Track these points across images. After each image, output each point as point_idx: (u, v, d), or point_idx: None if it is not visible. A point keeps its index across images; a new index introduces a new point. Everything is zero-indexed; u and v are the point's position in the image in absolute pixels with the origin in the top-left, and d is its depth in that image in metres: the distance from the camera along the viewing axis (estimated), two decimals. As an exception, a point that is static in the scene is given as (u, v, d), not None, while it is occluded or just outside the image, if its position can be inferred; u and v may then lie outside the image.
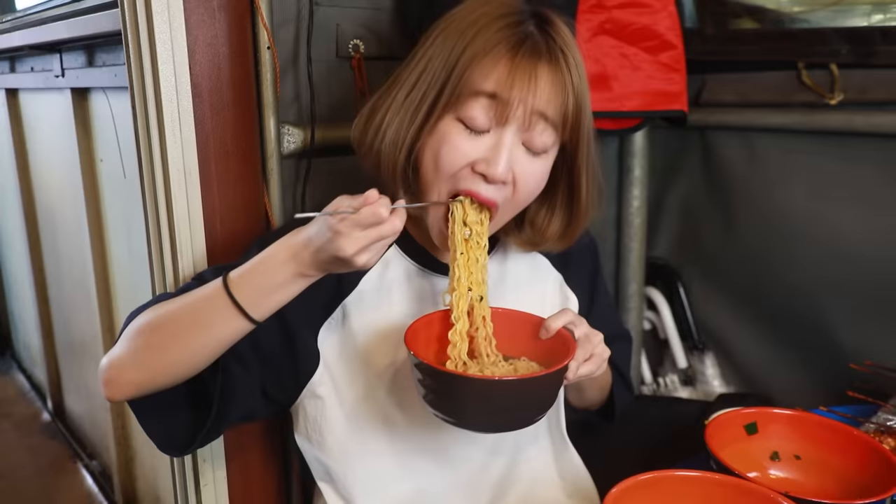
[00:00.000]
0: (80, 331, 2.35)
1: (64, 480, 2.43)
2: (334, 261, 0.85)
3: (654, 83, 1.60)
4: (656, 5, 1.57)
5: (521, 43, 0.93)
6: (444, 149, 0.95)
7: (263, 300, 0.89)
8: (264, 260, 0.89)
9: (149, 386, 0.94)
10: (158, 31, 1.09)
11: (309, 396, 1.08)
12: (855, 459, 1.05)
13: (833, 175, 1.63)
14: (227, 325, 0.90)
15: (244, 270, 0.90)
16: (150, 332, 0.93)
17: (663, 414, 1.71)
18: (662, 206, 2.01)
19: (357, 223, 0.83)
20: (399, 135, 0.98)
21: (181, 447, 1.04)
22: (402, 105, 0.98)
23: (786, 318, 1.76)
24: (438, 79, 0.95)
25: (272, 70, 1.24)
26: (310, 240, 0.86)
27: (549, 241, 1.10)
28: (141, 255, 1.68)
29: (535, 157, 0.98)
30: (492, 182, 0.96)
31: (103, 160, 1.92)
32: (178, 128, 1.13)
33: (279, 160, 1.28)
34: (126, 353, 0.94)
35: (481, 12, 0.96)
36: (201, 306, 0.91)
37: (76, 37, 1.72)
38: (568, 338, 0.97)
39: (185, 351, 0.91)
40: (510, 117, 0.93)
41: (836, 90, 1.58)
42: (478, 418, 0.91)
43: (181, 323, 0.92)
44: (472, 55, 0.93)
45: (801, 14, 1.69)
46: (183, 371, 0.93)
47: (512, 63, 0.92)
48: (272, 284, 0.88)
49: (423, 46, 0.99)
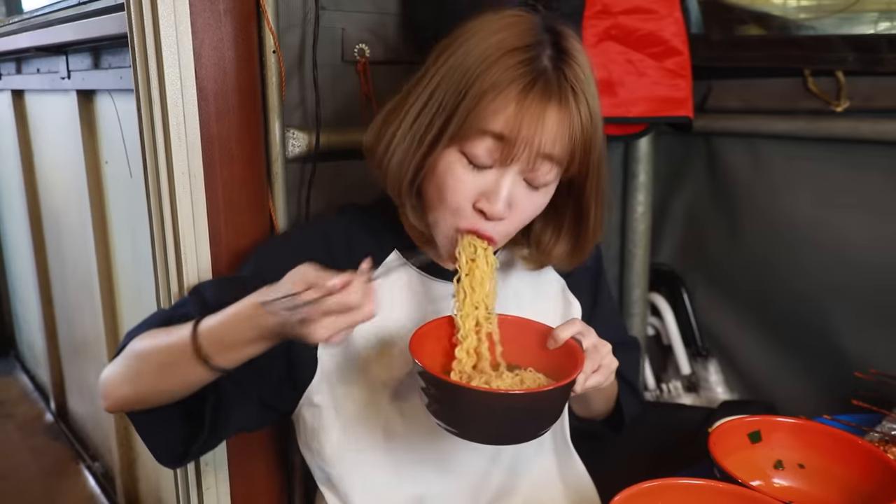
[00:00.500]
0: (83, 332, 2.35)
1: (66, 482, 2.43)
2: (302, 340, 0.85)
3: (660, 89, 1.60)
4: (662, 11, 1.57)
5: (532, 84, 0.90)
6: (448, 183, 0.95)
7: (227, 354, 0.90)
8: (234, 314, 0.89)
9: (139, 405, 0.98)
10: (164, 34, 1.09)
11: (307, 405, 1.08)
12: (859, 469, 1.04)
13: (839, 182, 1.63)
14: (194, 371, 0.91)
15: (213, 323, 0.90)
16: (135, 360, 0.97)
17: (666, 420, 1.70)
18: (667, 212, 2.01)
19: (326, 311, 0.82)
20: (405, 160, 0.97)
21: (176, 459, 1.05)
22: (409, 129, 0.96)
23: (790, 326, 1.76)
24: (445, 108, 0.93)
25: (277, 74, 1.24)
26: (275, 311, 0.85)
27: (554, 261, 1.10)
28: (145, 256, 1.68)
29: (536, 191, 0.97)
30: (490, 219, 0.95)
31: (108, 162, 1.93)
32: (184, 131, 1.13)
33: (284, 164, 1.28)
34: (117, 374, 0.99)
35: (496, 41, 0.92)
36: (173, 349, 0.92)
37: (82, 39, 1.73)
38: (576, 349, 0.96)
39: (162, 385, 0.95)
40: (514, 159, 0.92)
41: (842, 97, 1.57)
42: (483, 431, 0.90)
43: (157, 361, 0.95)
44: (480, 91, 0.90)
45: (808, 21, 1.69)
46: (166, 398, 0.97)
47: (521, 105, 0.89)
48: (236, 342, 0.89)
49: (436, 64, 0.96)
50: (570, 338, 0.97)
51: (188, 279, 1.18)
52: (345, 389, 1.07)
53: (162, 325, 0.99)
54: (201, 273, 1.19)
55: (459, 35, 0.96)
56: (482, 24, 0.95)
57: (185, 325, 0.92)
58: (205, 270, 1.19)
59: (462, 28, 0.97)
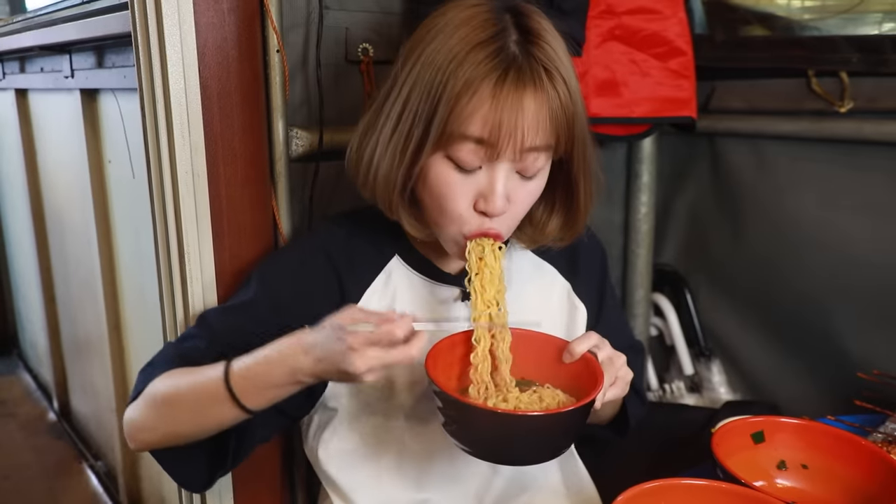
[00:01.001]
0: (86, 331, 2.36)
1: (69, 481, 2.44)
2: (337, 372, 0.85)
3: (664, 90, 1.60)
4: (666, 12, 1.57)
5: (504, 75, 0.88)
6: (443, 192, 0.94)
7: (259, 396, 0.90)
8: (265, 357, 0.89)
9: (164, 446, 0.99)
10: (168, 33, 1.09)
11: (322, 409, 1.09)
12: (862, 469, 1.04)
13: (842, 183, 1.62)
14: (225, 412, 0.91)
15: (245, 365, 0.90)
16: (162, 404, 0.96)
17: (669, 421, 1.70)
18: (670, 213, 2.01)
19: (372, 341, 0.82)
20: (391, 175, 0.96)
21: (201, 486, 1.05)
22: (388, 142, 0.95)
23: (793, 326, 1.75)
24: (422, 116, 0.91)
25: (281, 73, 1.24)
26: (313, 346, 0.85)
27: (548, 238, 1.09)
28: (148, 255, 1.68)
29: (530, 180, 0.96)
30: (492, 217, 0.95)
31: (111, 161, 1.93)
32: (187, 130, 1.13)
33: (287, 163, 1.28)
34: (143, 419, 0.97)
35: (460, 37, 0.90)
36: (202, 393, 0.92)
37: (86, 38, 1.73)
38: (594, 364, 0.94)
39: (190, 427, 0.95)
40: (500, 156, 0.91)
41: (846, 98, 1.57)
42: (501, 452, 0.88)
43: (185, 405, 0.94)
44: (454, 94, 0.88)
45: (812, 22, 1.69)
46: (192, 439, 0.97)
47: (497, 100, 0.88)
48: (267, 384, 0.89)
49: (404, 69, 0.95)
50: (587, 351, 0.96)
51: (191, 277, 1.18)
52: (356, 395, 1.07)
53: (177, 363, 0.98)
54: (204, 271, 1.19)
55: (423, 35, 0.95)
56: (443, 19, 0.93)
57: (215, 366, 0.92)
58: (208, 268, 1.19)
59: (423, 26, 0.96)
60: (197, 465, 1.02)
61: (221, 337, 1.00)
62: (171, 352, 1.02)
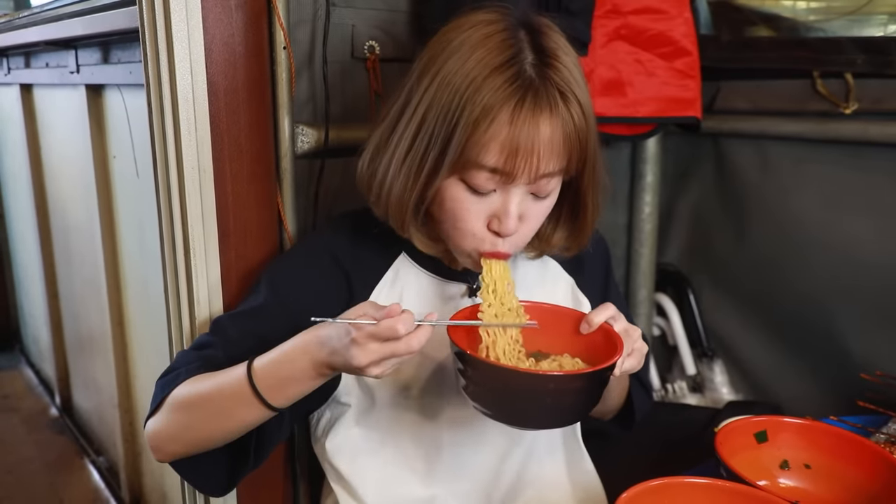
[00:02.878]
0: (89, 326, 2.36)
1: (71, 476, 2.44)
2: (345, 365, 0.86)
3: (669, 89, 1.60)
4: (672, 12, 1.57)
5: (521, 101, 0.88)
6: (458, 213, 0.95)
7: (282, 392, 0.91)
8: (285, 353, 0.91)
9: (187, 454, 0.99)
10: (176, 29, 1.10)
11: (334, 404, 1.09)
12: (865, 469, 1.05)
13: (846, 184, 1.63)
14: (251, 412, 0.92)
15: (266, 363, 0.92)
16: (185, 411, 0.96)
17: (672, 420, 1.70)
18: (674, 213, 2.01)
19: (373, 335, 0.83)
20: (404, 197, 0.96)
21: (221, 490, 1.05)
22: (402, 163, 0.95)
23: (796, 327, 1.76)
24: (437, 139, 0.91)
25: (287, 70, 1.24)
26: (327, 340, 0.87)
27: (554, 249, 1.10)
28: (152, 250, 1.69)
29: (542, 199, 0.98)
30: (504, 237, 0.96)
31: (116, 156, 1.93)
32: (194, 126, 1.14)
33: (293, 160, 1.29)
34: (164, 428, 0.98)
35: (478, 59, 0.90)
36: (227, 394, 0.93)
37: (92, 34, 1.73)
38: (613, 333, 0.95)
39: (216, 431, 0.95)
40: (515, 181, 0.92)
41: (851, 99, 1.57)
42: (521, 414, 0.89)
43: (210, 408, 0.94)
44: (472, 120, 0.88)
45: (817, 23, 1.69)
46: (218, 443, 0.97)
47: (513, 128, 0.88)
48: (290, 378, 0.90)
49: (420, 88, 0.94)
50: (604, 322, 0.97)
51: (196, 273, 1.18)
52: (368, 392, 1.08)
53: (197, 370, 0.98)
54: (210, 267, 1.19)
55: (438, 52, 0.94)
56: (458, 36, 0.93)
57: (237, 367, 0.93)
58: (213, 264, 1.19)
59: (439, 41, 0.96)
60: (218, 470, 1.02)
61: (237, 342, 1.01)
62: (189, 358, 1.02)
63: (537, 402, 0.87)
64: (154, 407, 0.99)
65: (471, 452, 1.10)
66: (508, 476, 1.13)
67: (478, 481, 1.11)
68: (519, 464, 1.13)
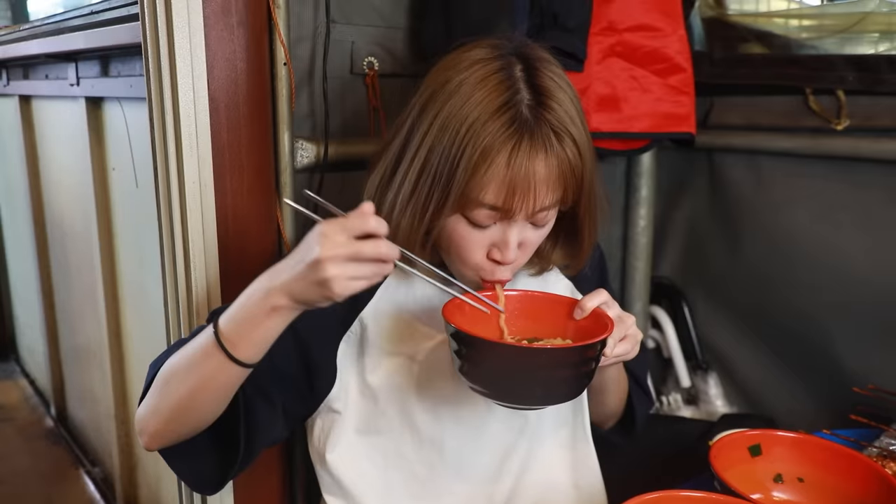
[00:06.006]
0: (85, 337, 2.36)
1: (66, 487, 2.44)
2: (304, 274, 0.81)
3: (663, 105, 1.62)
4: (667, 29, 1.59)
5: (518, 144, 0.92)
6: (460, 245, 1.00)
7: (245, 339, 0.87)
8: (244, 294, 0.88)
9: (173, 436, 0.96)
10: (178, 45, 1.11)
11: (325, 410, 1.09)
12: (857, 483, 1.05)
13: (839, 200, 1.64)
14: (220, 370, 0.89)
15: (229, 310, 0.89)
16: (162, 384, 0.94)
17: (666, 433, 1.71)
18: (668, 227, 2.02)
19: (343, 226, 0.80)
20: (412, 234, 1.00)
21: (213, 486, 1.04)
22: (408, 202, 0.98)
23: (790, 340, 1.77)
24: (440, 180, 0.95)
25: (288, 86, 1.25)
26: (283, 265, 0.84)
27: (555, 265, 1.15)
28: (150, 263, 1.69)
29: (540, 227, 1.02)
30: (504, 265, 1.00)
31: (115, 169, 1.94)
32: (195, 141, 1.15)
33: (292, 174, 1.30)
34: (148, 407, 0.96)
35: (477, 101, 0.93)
36: (196, 353, 0.90)
37: (94, 48, 1.74)
38: (604, 315, 0.98)
39: (192, 401, 0.92)
40: (514, 217, 0.97)
41: (843, 116, 1.59)
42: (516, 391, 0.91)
43: (182, 373, 0.92)
44: (471, 163, 0.92)
45: (809, 40, 1.71)
46: (199, 418, 0.94)
47: (510, 171, 0.92)
48: (247, 319, 0.86)
49: (422, 126, 0.97)
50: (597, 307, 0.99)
51: (196, 287, 1.19)
52: (363, 397, 1.08)
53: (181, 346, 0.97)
54: (209, 280, 1.20)
55: (437, 90, 0.97)
56: (457, 75, 0.96)
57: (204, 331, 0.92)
58: (213, 278, 1.21)
59: (436, 79, 0.99)
60: (207, 463, 1.01)
61: None
62: (177, 343, 1.01)
63: (530, 378, 0.90)
64: (145, 387, 0.98)
65: (472, 455, 1.10)
66: (509, 479, 1.13)
67: (479, 485, 1.12)
68: (520, 465, 1.14)
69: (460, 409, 1.09)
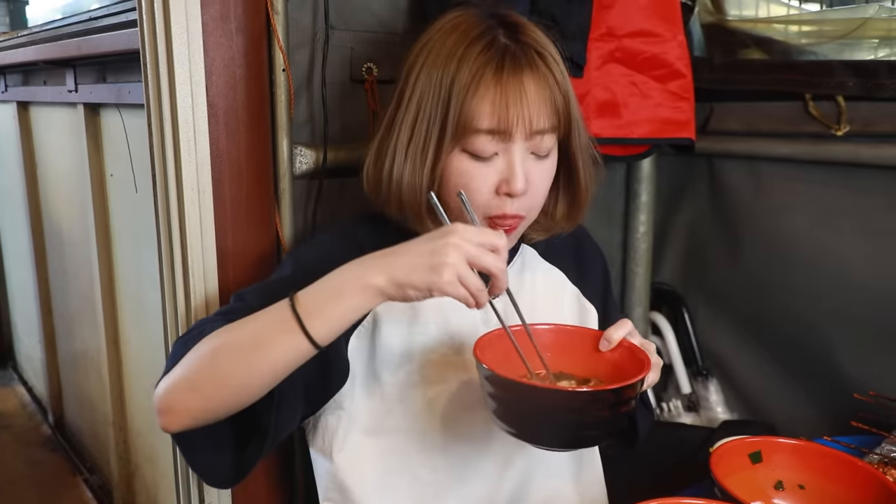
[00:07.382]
0: (83, 343, 2.36)
1: (63, 494, 2.43)
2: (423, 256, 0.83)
3: (663, 111, 1.62)
4: (666, 35, 1.59)
5: (502, 62, 0.96)
6: (467, 183, 0.99)
7: (322, 311, 0.85)
8: (335, 271, 0.87)
9: (204, 416, 0.90)
10: (177, 51, 1.11)
11: (332, 408, 1.08)
12: (858, 490, 1.05)
13: (838, 205, 1.64)
14: (286, 343, 0.85)
15: (312, 285, 0.87)
16: (208, 357, 0.89)
17: (666, 439, 1.71)
18: (669, 232, 2.02)
19: (478, 231, 0.85)
20: (415, 179, 1.00)
21: (231, 480, 1.00)
22: (407, 149, 1.00)
23: (790, 346, 1.77)
24: (436, 117, 0.98)
25: (286, 92, 1.25)
26: (399, 246, 0.86)
27: (559, 224, 1.14)
28: (148, 269, 1.69)
29: (543, 160, 1.02)
30: (515, 197, 1.00)
31: (113, 175, 1.94)
32: (194, 147, 1.15)
33: (291, 180, 1.30)
34: (183, 378, 0.90)
35: (454, 41, 0.98)
36: (262, 323, 0.88)
37: (92, 54, 1.74)
38: (636, 349, 0.96)
39: (243, 375, 0.87)
40: (513, 138, 0.98)
41: (843, 122, 1.59)
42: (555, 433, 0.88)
43: (244, 343, 0.88)
44: (461, 89, 0.96)
45: (809, 46, 1.71)
46: (246, 394, 0.89)
47: (500, 87, 0.95)
48: (333, 291, 0.85)
49: (409, 83, 1.01)
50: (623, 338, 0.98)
51: (195, 293, 1.19)
52: (373, 398, 1.08)
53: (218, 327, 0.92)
54: (208, 287, 1.20)
55: (418, 51, 1.03)
56: (431, 34, 1.02)
57: (277, 303, 0.88)
58: (211, 284, 1.20)
59: (416, 45, 1.04)
60: (229, 452, 0.97)
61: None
62: (213, 320, 0.96)
63: (569, 421, 0.87)
64: (171, 364, 0.92)
65: (473, 461, 1.10)
66: (511, 483, 1.12)
67: (481, 491, 1.11)
68: (522, 472, 1.13)
69: (469, 414, 1.08)
